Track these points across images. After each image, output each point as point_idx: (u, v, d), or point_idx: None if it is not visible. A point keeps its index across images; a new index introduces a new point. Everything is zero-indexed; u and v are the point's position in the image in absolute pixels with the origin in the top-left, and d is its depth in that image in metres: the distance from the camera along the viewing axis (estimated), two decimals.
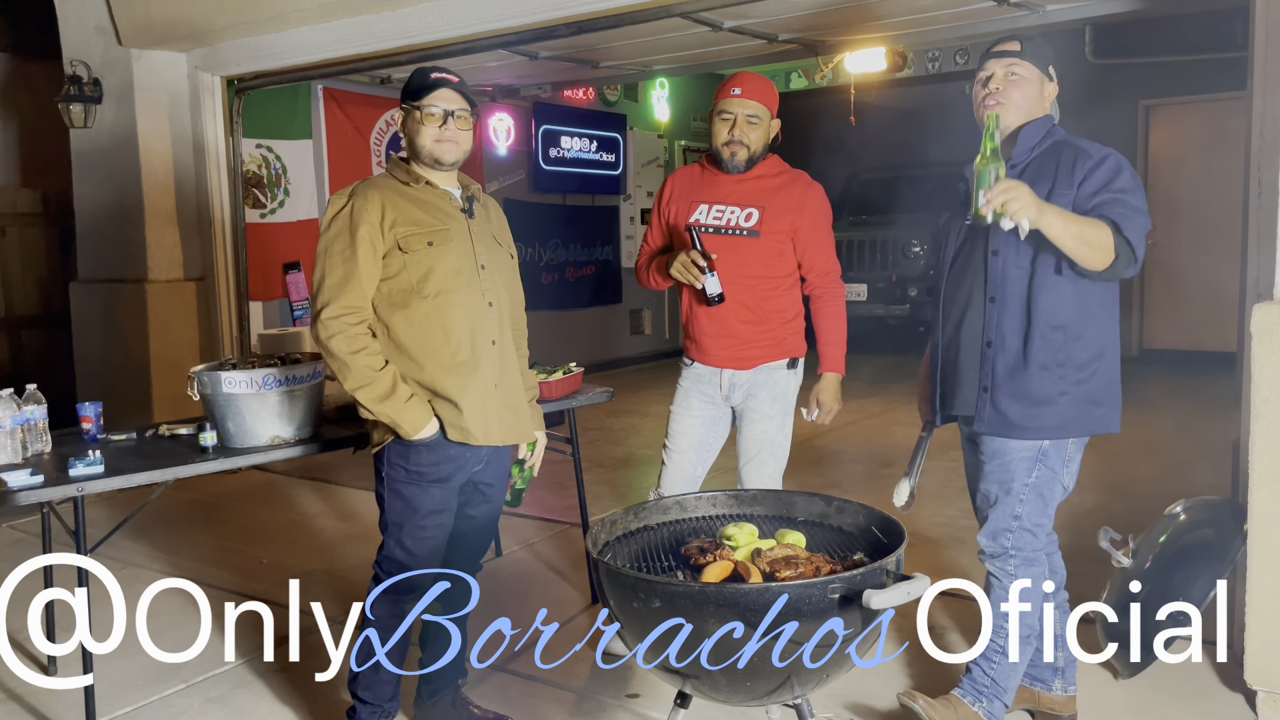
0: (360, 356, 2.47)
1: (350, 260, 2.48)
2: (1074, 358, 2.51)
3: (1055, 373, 2.51)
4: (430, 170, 2.60)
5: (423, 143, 2.55)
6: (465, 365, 2.56)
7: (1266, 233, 2.85)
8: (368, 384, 2.47)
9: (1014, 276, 2.51)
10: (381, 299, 2.54)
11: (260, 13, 5.50)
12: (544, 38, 5.11)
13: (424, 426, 2.52)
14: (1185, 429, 6.49)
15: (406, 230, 2.51)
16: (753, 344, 3.12)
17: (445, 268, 2.53)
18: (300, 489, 5.66)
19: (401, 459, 2.57)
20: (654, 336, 10.46)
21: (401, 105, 2.59)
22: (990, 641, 2.60)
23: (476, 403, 2.57)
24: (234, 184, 6.38)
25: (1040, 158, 2.53)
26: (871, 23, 5.43)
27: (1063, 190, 2.43)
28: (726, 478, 3.54)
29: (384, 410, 2.49)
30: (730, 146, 3.05)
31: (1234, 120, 7.68)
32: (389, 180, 2.59)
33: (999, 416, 2.56)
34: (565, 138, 9.20)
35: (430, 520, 2.61)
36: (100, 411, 3.26)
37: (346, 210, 2.52)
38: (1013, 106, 2.53)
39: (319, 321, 2.50)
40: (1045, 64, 2.57)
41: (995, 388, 2.56)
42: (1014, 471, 2.58)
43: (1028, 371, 2.52)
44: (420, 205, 2.56)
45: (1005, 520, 2.59)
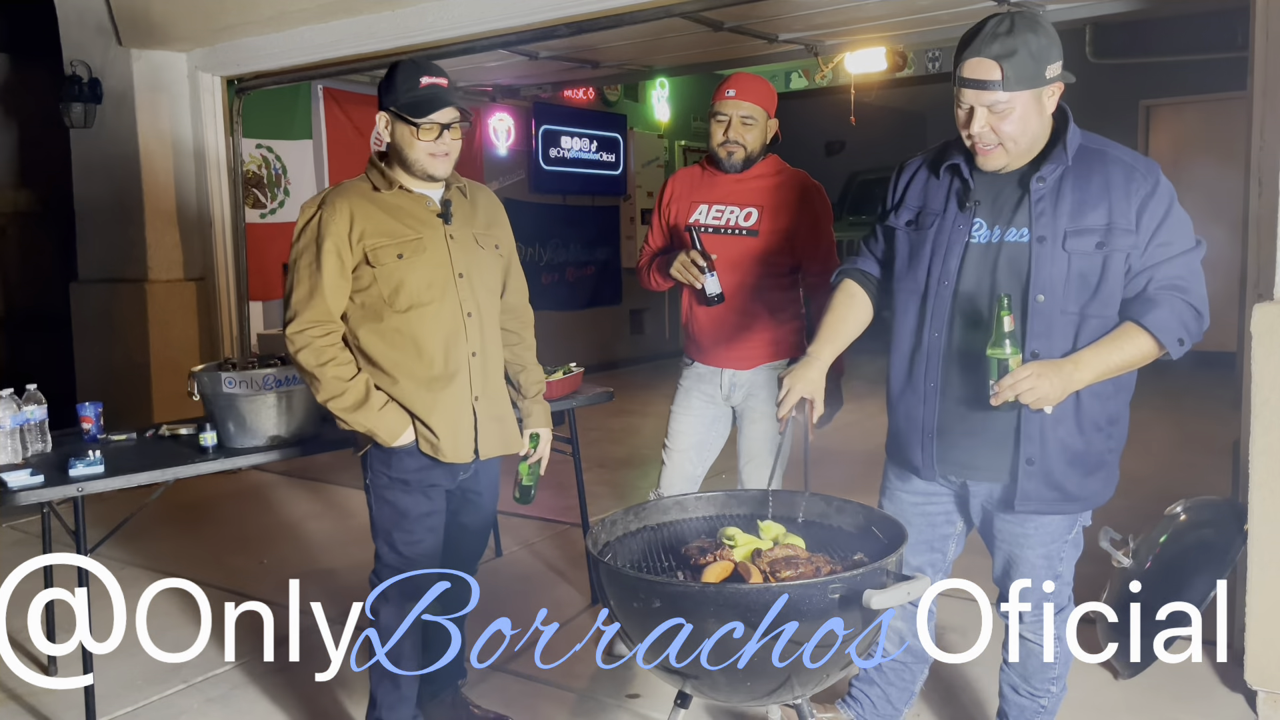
0: (329, 368, 2.42)
1: (316, 274, 2.41)
2: (1118, 410, 2.24)
3: (1106, 431, 2.22)
4: (399, 174, 2.50)
5: (415, 157, 2.45)
6: (438, 380, 2.49)
7: (1266, 233, 2.85)
8: (339, 394, 2.42)
9: (1060, 326, 2.14)
10: (354, 311, 2.48)
11: (260, 13, 5.50)
12: (544, 38, 5.10)
13: (401, 433, 2.46)
14: (1185, 429, 6.49)
15: (375, 242, 2.42)
16: (753, 344, 3.12)
17: (417, 280, 2.45)
18: (300, 489, 5.66)
19: (384, 465, 2.53)
20: (654, 336, 10.46)
21: (388, 110, 2.44)
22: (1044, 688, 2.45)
23: (449, 420, 2.50)
24: (234, 184, 6.38)
25: (1076, 169, 2.15)
26: (871, 22, 5.43)
27: (1123, 224, 2.09)
28: (727, 478, 3.54)
29: (358, 420, 2.44)
30: (726, 147, 3.05)
31: (1234, 120, 7.66)
32: (362, 185, 2.50)
33: (1054, 492, 2.20)
34: (565, 138, 9.19)
35: (419, 525, 2.55)
36: (100, 411, 3.26)
37: (315, 221, 2.44)
38: (1010, 144, 2.12)
39: (287, 336, 2.45)
40: (1038, 74, 2.08)
41: (1048, 460, 2.18)
42: (1056, 533, 2.30)
43: (1082, 435, 2.19)
44: (393, 213, 2.47)
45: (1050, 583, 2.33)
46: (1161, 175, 2.15)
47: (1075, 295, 2.13)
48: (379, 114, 2.47)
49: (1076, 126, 2.19)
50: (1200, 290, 2.13)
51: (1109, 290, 2.13)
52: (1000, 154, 2.14)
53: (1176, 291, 2.10)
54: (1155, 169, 2.16)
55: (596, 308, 9.77)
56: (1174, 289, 2.10)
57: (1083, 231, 2.12)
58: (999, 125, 2.10)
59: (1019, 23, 2.06)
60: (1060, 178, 2.15)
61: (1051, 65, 2.10)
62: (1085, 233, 2.12)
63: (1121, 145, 2.22)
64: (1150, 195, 2.11)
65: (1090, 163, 2.16)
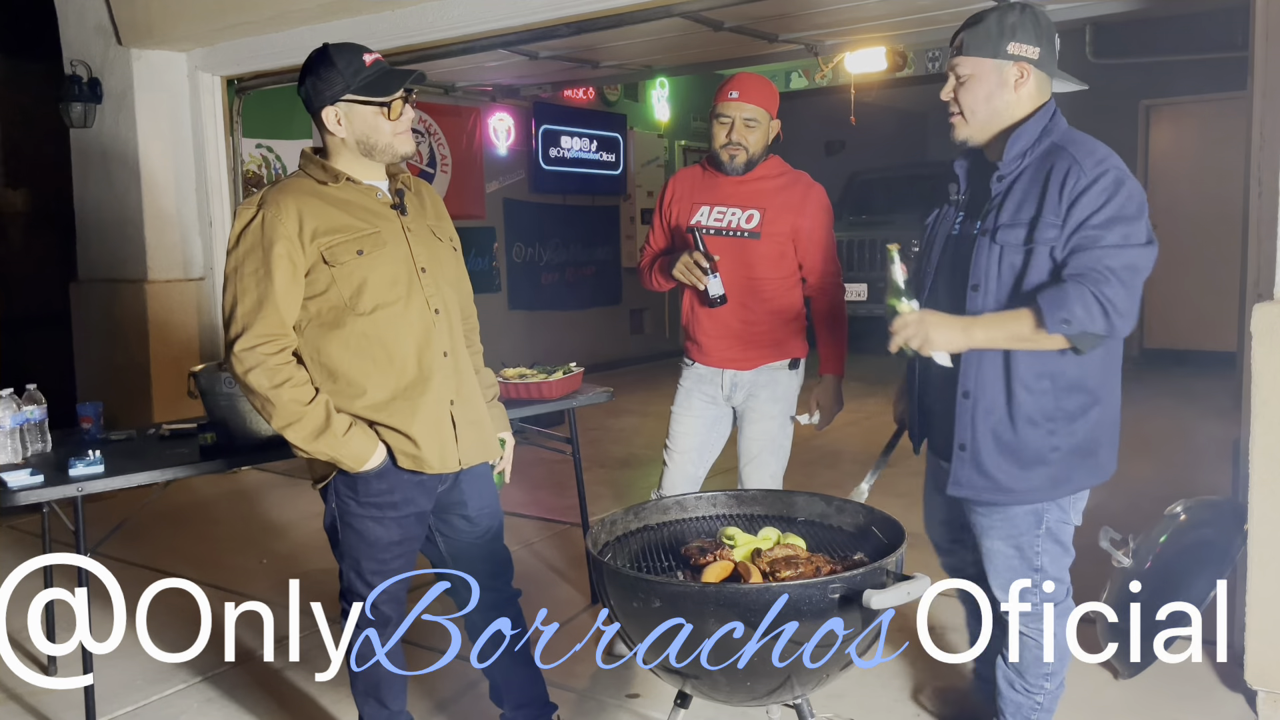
0: (284, 390, 2.18)
1: (265, 281, 2.18)
2: (1065, 408, 2.22)
3: (1045, 427, 2.22)
4: (353, 165, 2.29)
5: (380, 139, 2.25)
6: (414, 386, 2.28)
7: (1266, 233, 2.85)
8: (296, 420, 2.19)
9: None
10: (309, 320, 2.25)
11: (260, 13, 5.50)
12: (544, 38, 5.10)
13: (369, 458, 2.24)
14: (1185, 429, 6.48)
15: (330, 240, 2.20)
16: (754, 345, 3.12)
17: (380, 277, 2.24)
18: (300, 489, 5.66)
19: (350, 490, 2.30)
20: (654, 336, 10.46)
21: (340, 101, 2.23)
22: (1036, 683, 2.45)
23: (430, 427, 2.30)
24: (234, 184, 6.38)
25: (1034, 165, 2.20)
26: (871, 22, 5.43)
27: (1050, 219, 2.12)
28: (726, 478, 3.54)
29: (319, 448, 2.21)
30: (728, 149, 3.04)
31: (1234, 120, 7.67)
32: (303, 182, 2.28)
33: (985, 481, 2.27)
34: (565, 138, 9.19)
35: (390, 553, 2.34)
36: (100, 411, 3.26)
37: (257, 223, 2.20)
38: (969, 114, 2.23)
39: (233, 354, 2.20)
40: (999, 47, 2.17)
41: (978, 448, 2.25)
42: (1021, 526, 2.32)
43: (1014, 427, 2.22)
44: (343, 208, 2.25)
45: (1025, 578, 2.33)
46: (1113, 171, 2.11)
47: (1005, 287, 2.18)
48: (325, 111, 2.24)
49: (1065, 126, 2.22)
50: (1121, 288, 2.05)
51: (1033, 284, 2.15)
52: (960, 124, 2.26)
53: (1088, 281, 2.05)
54: (1105, 164, 2.12)
55: (596, 308, 9.77)
56: (1085, 278, 2.06)
57: (1015, 225, 2.18)
58: (959, 93, 2.23)
59: (1011, 4, 2.20)
60: (1019, 174, 2.21)
61: (1017, 43, 2.18)
62: (1017, 226, 2.18)
63: (1095, 142, 2.19)
64: (1088, 189, 2.10)
65: (1050, 158, 2.18)
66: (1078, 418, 2.23)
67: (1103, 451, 2.31)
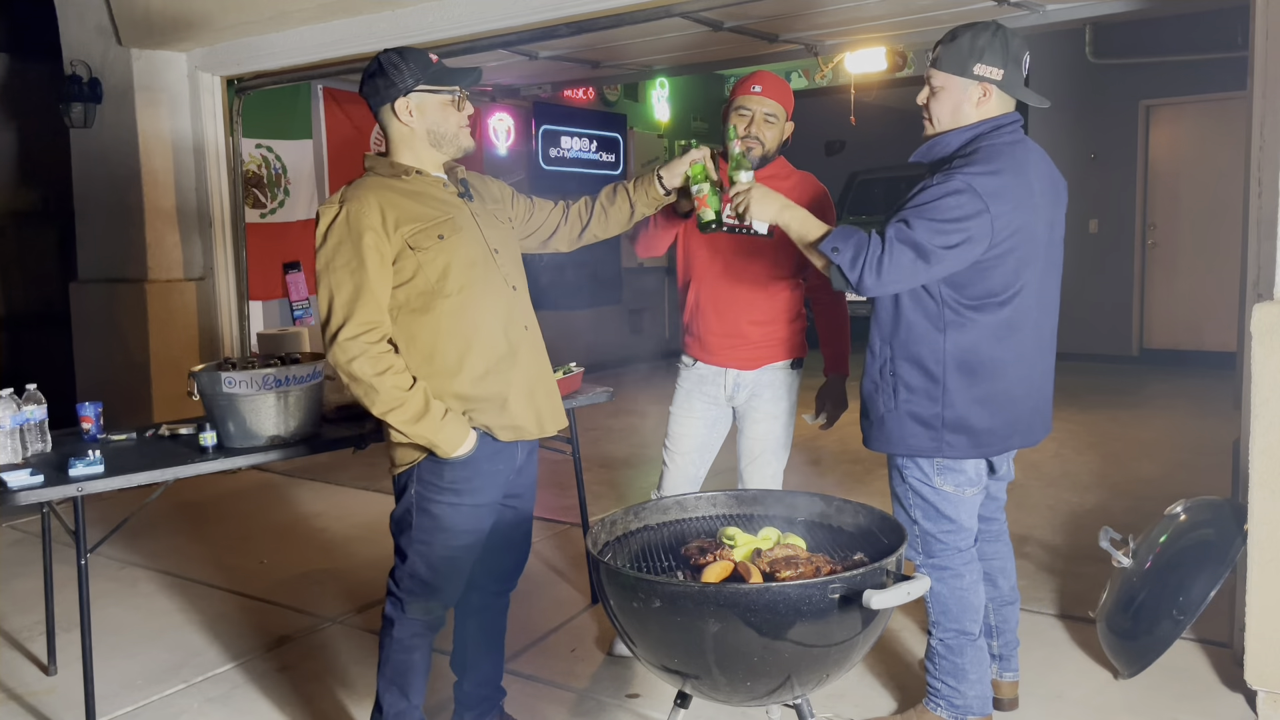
0: (387, 377, 2.28)
1: (359, 271, 2.28)
2: (903, 378, 2.47)
3: (882, 389, 2.51)
4: (421, 157, 2.42)
5: (449, 129, 2.40)
6: (505, 359, 2.40)
7: (1266, 233, 2.85)
8: (398, 405, 2.29)
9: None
10: (399, 308, 2.35)
11: (260, 13, 5.50)
12: (544, 38, 5.10)
13: (463, 443, 2.35)
14: (1185, 429, 6.49)
15: (413, 227, 2.32)
16: (760, 344, 3.12)
17: (461, 260, 2.35)
18: (300, 489, 5.66)
19: (434, 475, 2.39)
20: (654, 336, 10.46)
21: (421, 89, 2.36)
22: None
23: (524, 396, 2.43)
24: (234, 184, 6.38)
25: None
26: (871, 22, 5.43)
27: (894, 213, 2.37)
28: (726, 478, 3.54)
29: (419, 431, 2.30)
30: (746, 142, 3.05)
31: (1234, 120, 7.65)
32: (376, 178, 2.39)
33: (863, 424, 2.62)
34: (565, 137, 9.20)
35: (460, 540, 2.44)
36: (100, 411, 3.26)
37: (342, 218, 2.31)
38: (935, 121, 2.45)
39: (336, 344, 2.29)
40: (965, 65, 2.38)
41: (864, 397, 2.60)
42: (894, 474, 2.61)
43: (866, 384, 2.55)
44: (417, 199, 2.37)
45: (908, 527, 2.55)
46: (959, 178, 2.28)
47: None
48: (400, 100, 2.35)
49: (1005, 139, 2.37)
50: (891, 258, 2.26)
51: None
52: (929, 127, 2.48)
53: (874, 238, 2.30)
54: (961, 178, 2.28)
55: (596, 308, 9.77)
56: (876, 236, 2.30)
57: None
58: (931, 101, 2.45)
59: (986, 25, 2.38)
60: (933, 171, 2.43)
61: (983, 65, 2.36)
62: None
63: (992, 162, 2.31)
64: (929, 186, 2.31)
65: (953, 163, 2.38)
66: (919, 390, 2.45)
67: (943, 430, 2.45)
